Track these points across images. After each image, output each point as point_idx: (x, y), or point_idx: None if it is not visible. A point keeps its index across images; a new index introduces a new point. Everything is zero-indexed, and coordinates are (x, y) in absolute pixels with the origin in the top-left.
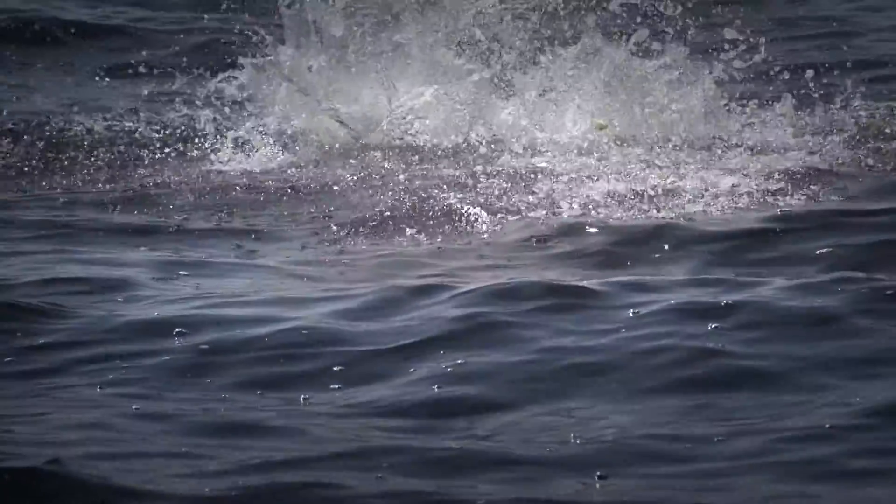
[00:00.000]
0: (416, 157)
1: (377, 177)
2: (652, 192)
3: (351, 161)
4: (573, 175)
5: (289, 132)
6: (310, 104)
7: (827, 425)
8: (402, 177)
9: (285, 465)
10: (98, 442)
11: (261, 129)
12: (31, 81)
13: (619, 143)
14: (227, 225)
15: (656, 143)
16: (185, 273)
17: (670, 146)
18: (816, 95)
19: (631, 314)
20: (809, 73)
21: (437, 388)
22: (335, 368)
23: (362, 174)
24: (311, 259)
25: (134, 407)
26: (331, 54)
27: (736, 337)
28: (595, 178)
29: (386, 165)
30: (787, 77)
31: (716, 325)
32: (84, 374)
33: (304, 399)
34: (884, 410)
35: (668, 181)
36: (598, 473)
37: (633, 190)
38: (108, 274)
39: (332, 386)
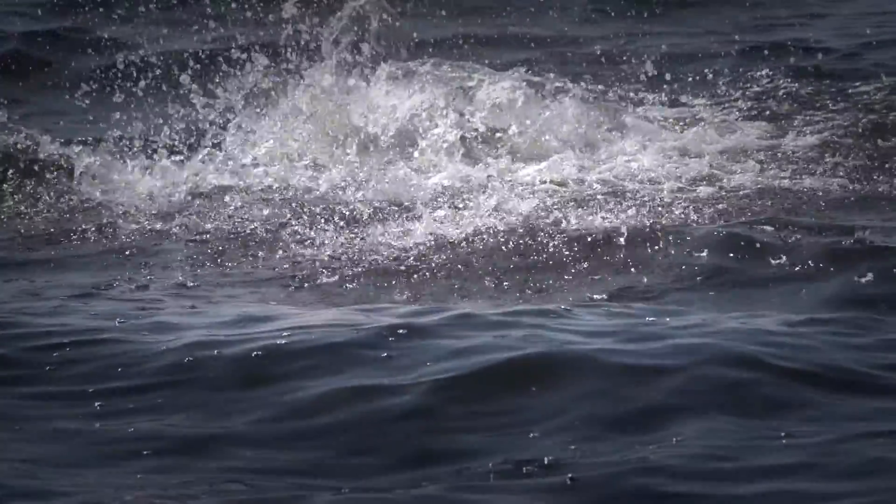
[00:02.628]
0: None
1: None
2: (606, 200)
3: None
4: (519, 185)
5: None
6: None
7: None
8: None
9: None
10: None
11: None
12: None
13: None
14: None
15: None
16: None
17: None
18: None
19: (569, 330)
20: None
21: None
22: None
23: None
24: (211, 282)
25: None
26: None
27: (668, 356)
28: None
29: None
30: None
31: (649, 344)
32: None
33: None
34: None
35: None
36: (570, 476)
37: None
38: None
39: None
